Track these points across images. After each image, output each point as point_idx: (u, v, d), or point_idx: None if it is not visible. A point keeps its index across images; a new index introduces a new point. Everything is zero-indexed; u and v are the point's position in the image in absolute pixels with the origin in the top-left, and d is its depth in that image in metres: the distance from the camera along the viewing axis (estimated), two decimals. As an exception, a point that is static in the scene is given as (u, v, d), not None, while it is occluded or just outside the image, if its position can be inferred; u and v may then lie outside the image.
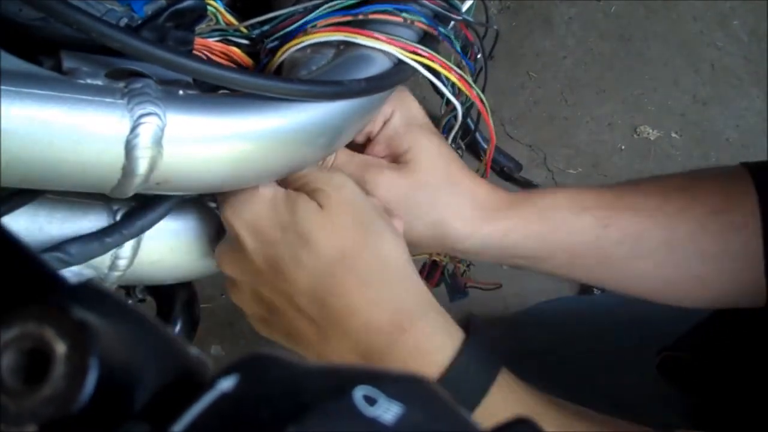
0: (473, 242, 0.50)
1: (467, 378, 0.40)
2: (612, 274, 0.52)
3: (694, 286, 0.51)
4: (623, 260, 0.51)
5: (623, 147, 1.47)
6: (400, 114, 0.50)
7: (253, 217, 0.43)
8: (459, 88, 0.51)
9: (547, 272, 0.53)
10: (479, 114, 0.54)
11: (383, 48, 0.46)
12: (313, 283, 0.41)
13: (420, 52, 0.47)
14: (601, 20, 1.57)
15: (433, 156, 0.49)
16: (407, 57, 0.47)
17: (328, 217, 0.42)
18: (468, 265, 0.61)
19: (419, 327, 0.41)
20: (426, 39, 0.49)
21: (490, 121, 0.53)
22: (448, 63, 0.49)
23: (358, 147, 0.52)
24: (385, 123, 0.50)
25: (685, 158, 1.47)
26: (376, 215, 0.44)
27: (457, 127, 0.55)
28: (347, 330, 0.41)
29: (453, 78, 0.49)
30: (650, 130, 1.48)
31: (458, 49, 0.51)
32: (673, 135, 1.49)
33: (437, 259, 0.58)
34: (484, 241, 0.50)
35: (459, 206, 0.49)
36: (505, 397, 0.41)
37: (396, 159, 0.50)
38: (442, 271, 0.59)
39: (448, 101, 0.52)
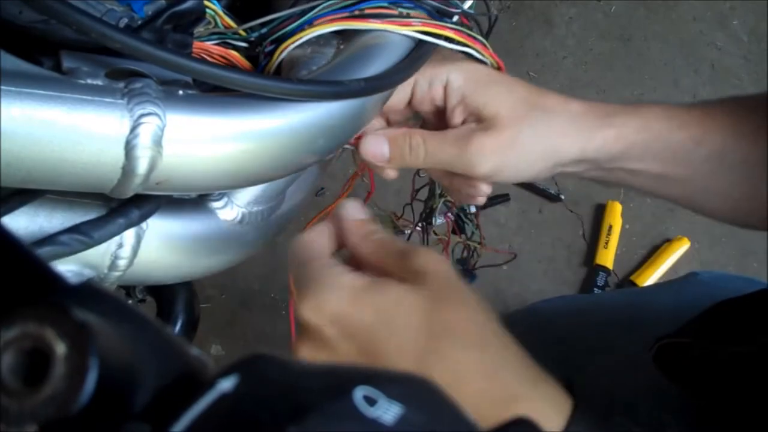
0: (587, 154, 0.51)
1: None
2: (693, 189, 0.53)
3: (761, 207, 0.52)
4: (706, 177, 0.52)
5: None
6: (457, 75, 0.50)
7: (338, 307, 0.38)
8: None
9: (638, 187, 0.54)
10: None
11: (378, 28, 0.47)
12: (416, 360, 0.38)
13: (415, 24, 0.48)
14: (601, 20, 1.57)
15: (511, 101, 0.49)
16: (406, 30, 0.47)
17: (419, 298, 0.39)
18: (479, 243, 0.61)
19: (531, 397, 0.39)
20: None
21: (497, 56, 0.54)
22: (440, 23, 0.49)
23: (432, 116, 0.53)
24: (445, 90, 0.50)
25: (685, 158, 1.47)
26: (463, 286, 0.41)
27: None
28: (460, 397, 0.38)
29: (449, 34, 0.49)
30: (650, 130, 1.48)
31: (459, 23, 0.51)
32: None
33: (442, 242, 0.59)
34: (598, 150, 0.51)
35: (561, 128, 0.50)
36: None
37: (478, 118, 0.50)
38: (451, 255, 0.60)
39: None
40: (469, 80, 0.50)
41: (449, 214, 0.74)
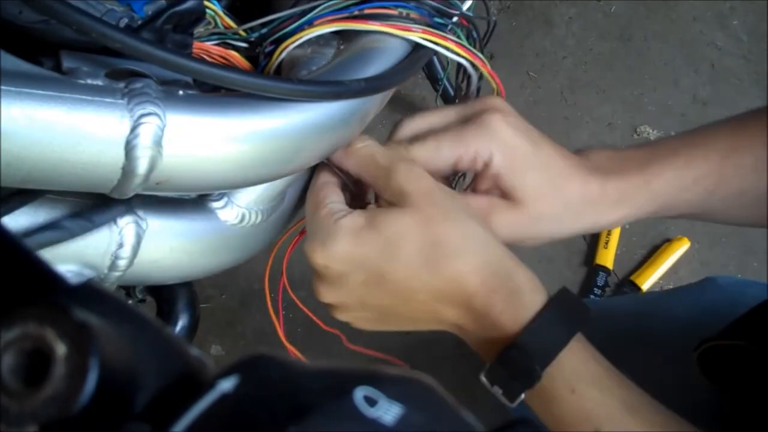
0: (599, 227, 0.54)
1: (541, 338, 0.44)
2: (709, 218, 0.57)
3: None
4: (723, 210, 0.55)
5: (623, 147, 1.47)
6: (500, 156, 0.50)
7: (343, 250, 0.45)
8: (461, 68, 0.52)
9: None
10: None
11: (377, 29, 0.47)
12: (417, 273, 0.45)
13: (415, 29, 0.48)
14: (601, 20, 1.57)
15: (539, 186, 0.51)
16: (406, 34, 0.47)
17: (410, 217, 0.45)
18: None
19: (508, 286, 0.45)
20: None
21: (498, 80, 0.54)
22: (441, 32, 0.49)
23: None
24: (486, 165, 0.51)
25: (685, 158, 1.47)
26: (451, 200, 0.47)
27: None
28: (454, 301, 0.46)
29: (450, 45, 0.50)
30: (650, 130, 1.48)
31: (461, 35, 0.51)
32: (673, 135, 1.49)
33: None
34: (611, 224, 0.54)
35: (577, 212, 0.53)
36: (574, 362, 0.44)
37: (503, 194, 0.52)
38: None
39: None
40: (510, 161, 0.50)
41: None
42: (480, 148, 0.50)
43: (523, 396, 0.45)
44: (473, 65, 0.52)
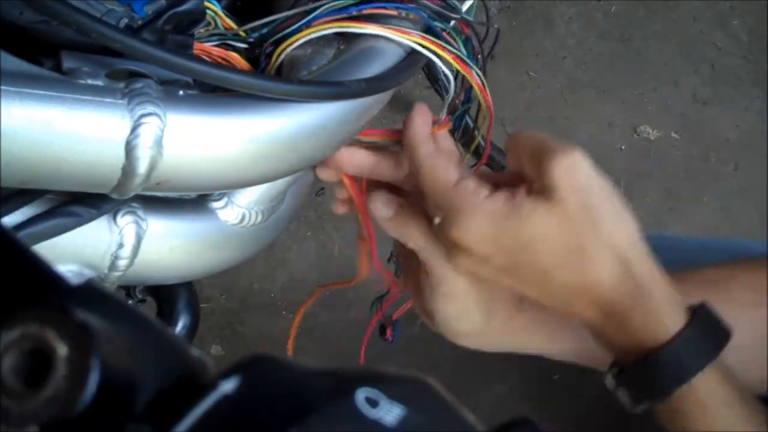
0: None
1: (679, 359, 0.43)
2: None
3: None
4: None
5: (623, 147, 1.46)
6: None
7: (485, 232, 0.44)
8: (460, 74, 0.51)
9: None
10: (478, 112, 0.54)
11: (375, 32, 0.46)
12: (554, 273, 0.44)
13: (412, 34, 0.48)
14: (601, 20, 1.57)
15: None
16: (403, 38, 0.47)
17: (557, 218, 0.43)
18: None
19: (647, 303, 0.44)
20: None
21: (489, 97, 0.53)
22: (440, 41, 0.49)
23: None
24: None
25: (685, 158, 1.47)
26: (604, 198, 0.45)
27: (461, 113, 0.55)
28: (591, 303, 0.44)
29: (447, 56, 0.49)
30: (650, 130, 1.48)
31: (460, 46, 0.51)
32: (673, 135, 1.49)
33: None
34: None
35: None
36: (710, 384, 0.43)
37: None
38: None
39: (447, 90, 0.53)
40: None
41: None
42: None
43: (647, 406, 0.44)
44: (467, 80, 0.52)
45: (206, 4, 0.45)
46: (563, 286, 0.44)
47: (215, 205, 0.49)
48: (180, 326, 0.58)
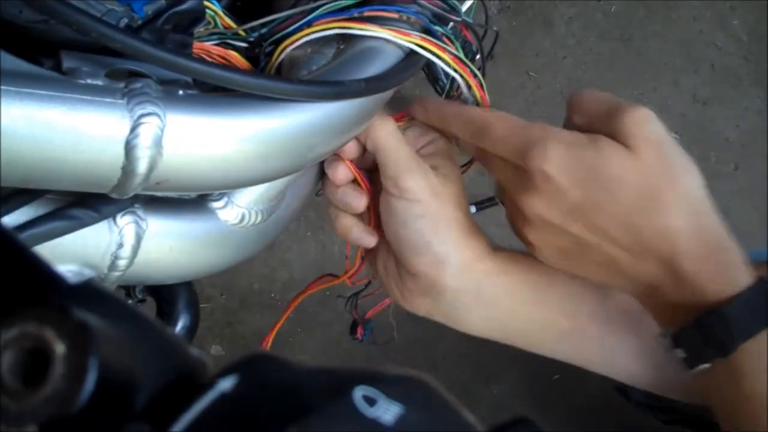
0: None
1: (747, 312, 0.43)
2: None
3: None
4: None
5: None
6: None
7: (563, 160, 0.44)
8: (459, 74, 0.51)
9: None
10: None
11: (376, 34, 0.46)
12: (628, 216, 0.44)
13: (412, 35, 0.48)
14: (601, 20, 1.57)
15: None
16: (402, 39, 0.47)
17: (634, 162, 0.44)
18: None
19: (720, 257, 0.44)
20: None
21: (486, 98, 0.53)
22: (439, 42, 0.49)
23: None
24: None
25: (685, 158, 1.47)
26: (678, 151, 0.45)
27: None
28: (658, 256, 0.44)
29: (445, 56, 0.49)
30: (650, 130, 1.48)
31: (458, 48, 0.51)
32: (673, 135, 1.49)
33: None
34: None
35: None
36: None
37: None
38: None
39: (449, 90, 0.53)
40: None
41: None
42: None
43: (707, 365, 0.43)
44: (464, 79, 0.52)
45: (206, 3, 0.45)
46: (637, 233, 0.44)
47: (215, 205, 0.49)
48: (180, 326, 0.58)
